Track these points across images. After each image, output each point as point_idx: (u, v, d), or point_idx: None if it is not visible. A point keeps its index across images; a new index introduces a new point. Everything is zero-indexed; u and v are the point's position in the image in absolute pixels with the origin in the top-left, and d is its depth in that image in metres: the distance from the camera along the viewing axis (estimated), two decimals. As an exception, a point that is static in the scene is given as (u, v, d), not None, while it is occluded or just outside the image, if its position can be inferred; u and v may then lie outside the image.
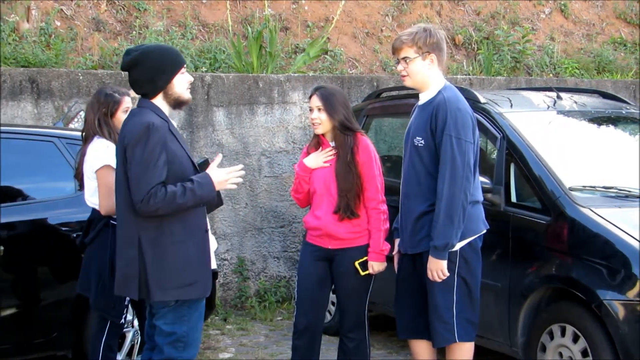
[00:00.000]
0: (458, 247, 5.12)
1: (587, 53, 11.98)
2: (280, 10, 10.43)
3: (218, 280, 8.25)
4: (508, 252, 5.86)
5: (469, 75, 10.49)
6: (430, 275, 5.09)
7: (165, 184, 4.33)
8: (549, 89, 7.19)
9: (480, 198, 5.28)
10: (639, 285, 5.05)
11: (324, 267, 5.56)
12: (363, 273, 5.45)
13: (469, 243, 5.17)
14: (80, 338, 6.22)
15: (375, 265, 5.45)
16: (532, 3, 12.38)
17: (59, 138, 6.38)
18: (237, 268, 8.62)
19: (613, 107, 6.95)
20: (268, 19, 9.60)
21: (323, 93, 5.47)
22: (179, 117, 8.35)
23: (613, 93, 7.71)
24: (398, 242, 5.40)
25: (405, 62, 5.19)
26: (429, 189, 5.08)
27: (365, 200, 5.43)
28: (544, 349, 5.57)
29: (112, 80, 8.10)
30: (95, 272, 5.41)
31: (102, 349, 5.48)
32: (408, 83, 5.27)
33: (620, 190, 5.75)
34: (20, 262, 6.09)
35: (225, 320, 8.17)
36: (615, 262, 5.16)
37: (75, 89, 8.05)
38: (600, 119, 6.80)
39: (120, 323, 5.56)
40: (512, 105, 6.61)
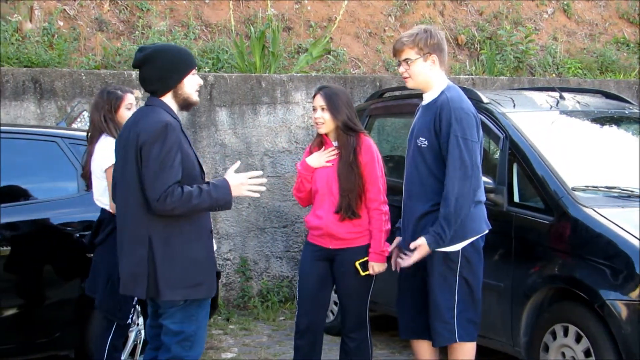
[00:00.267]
0: (460, 247, 5.13)
1: (589, 53, 11.98)
2: (283, 10, 10.43)
3: (221, 280, 8.25)
4: (511, 252, 5.86)
5: (472, 75, 10.49)
6: (411, 254, 5.09)
7: (181, 184, 4.33)
8: (552, 89, 7.19)
9: (483, 198, 5.28)
10: (642, 285, 5.06)
11: (325, 267, 5.56)
12: (363, 273, 5.44)
13: (471, 243, 5.16)
14: (83, 338, 6.23)
15: (376, 266, 5.44)
16: (534, 3, 12.37)
17: (62, 138, 6.39)
18: (239, 268, 8.62)
19: (616, 107, 6.95)
20: (271, 19, 9.61)
21: (327, 93, 5.46)
22: (182, 116, 8.35)
23: (616, 93, 7.71)
24: (397, 240, 5.39)
25: (407, 63, 5.18)
26: (432, 189, 5.08)
27: (367, 201, 5.43)
28: (547, 349, 5.57)
29: (115, 80, 8.11)
30: (105, 273, 5.41)
31: (107, 349, 5.49)
32: (410, 85, 5.27)
33: (623, 190, 5.75)
34: (24, 262, 6.09)
35: (228, 320, 8.17)
36: (618, 262, 5.16)
37: (78, 89, 8.05)
38: (603, 119, 6.80)
39: (127, 324, 5.57)
40: (514, 105, 6.61)
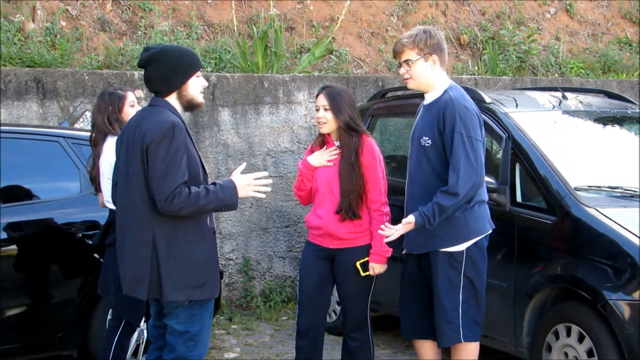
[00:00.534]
0: (464, 247, 5.13)
1: (592, 53, 11.97)
2: (286, 10, 10.43)
3: (223, 280, 8.25)
4: (513, 252, 5.85)
5: (474, 75, 10.49)
6: (393, 228, 5.09)
7: (188, 184, 4.32)
8: (555, 89, 7.18)
9: (486, 198, 5.28)
10: (645, 285, 5.06)
11: (326, 266, 5.56)
12: (363, 274, 5.44)
13: (475, 243, 5.16)
14: (86, 338, 6.24)
15: (376, 267, 5.44)
16: (537, 3, 12.37)
17: (65, 138, 6.40)
18: (242, 268, 8.62)
19: (618, 107, 6.94)
20: (273, 19, 9.61)
21: (330, 92, 5.46)
22: (184, 117, 8.34)
23: (618, 93, 7.71)
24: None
25: (408, 64, 5.18)
26: (435, 189, 5.07)
27: (368, 202, 5.42)
28: (550, 349, 5.57)
29: (117, 80, 8.11)
30: (116, 274, 5.42)
31: (114, 348, 5.51)
32: (412, 85, 5.27)
33: (626, 190, 5.74)
34: (26, 262, 6.10)
35: (231, 320, 8.17)
36: (621, 262, 5.16)
37: (81, 89, 8.06)
38: (606, 119, 6.79)
39: (138, 323, 5.60)
40: (517, 105, 6.60)
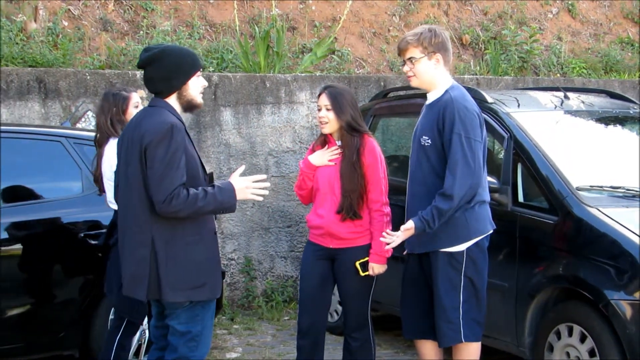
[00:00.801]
0: (465, 247, 5.12)
1: (594, 53, 11.96)
2: (288, 10, 10.43)
3: (225, 280, 8.25)
4: (515, 252, 5.85)
5: (476, 75, 10.49)
6: (394, 234, 5.11)
7: (186, 186, 4.32)
8: (556, 89, 7.18)
9: (487, 198, 5.27)
10: (647, 285, 5.05)
11: (326, 266, 5.56)
12: (363, 274, 5.44)
13: (476, 243, 5.16)
14: (87, 337, 6.24)
15: (376, 267, 5.44)
16: (539, 3, 12.36)
17: (67, 138, 6.39)
18: (244, 268, 8.62)
19: (620, 106, 6.94)
20: (275, 19, 9.61)
21: (332, 92, 5.46)
22: (186, 116, 8.34)
23: (620, 93, 7.70)
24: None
25: (412, 62, 5.19)
26: (435, 188, 5.07)
27: (369, 202, 5.42)
28: (552, 349, 5.56)
29: (119, 80, 8.11)
30: (118, 274, 5.43)
31: (115, 347, 5.51)
32: (414, 83, 5.27)
33: (628, 190, 5.74)
34: (28, 261, 6.10)
35: (233, 320, 8.17)
36: (623, 262, 5.16)
37: (83, 89, 8.06)
38: (608, 119, 6.79)
39: (140, 323, 5.60)
40: (519, 105, 6.61)
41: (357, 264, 5.42)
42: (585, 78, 11.07)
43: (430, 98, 5.26)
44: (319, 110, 5.48)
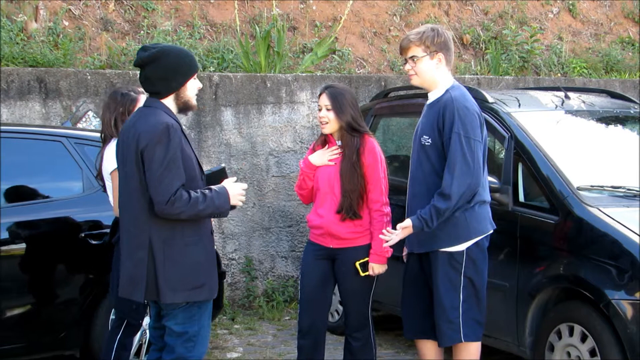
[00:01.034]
0: (465, 247, 5.12)
1: (595, 53, 11.96)
2: (288, 10, 10.43)
3: (226, 280, 8.26)
4: (516, 251, 5.85)
5: (477, 75, 10.48)
6: (391, 232, 5.12)
7: (185, 186, 4.33)
8: (557, 89, 7.18)
9: (488, 198, 5.27)
10: (647, 285, 5.05)
11: (327, 266, 5.56)
12: (363, 274, 5.44)
13: (476, 243, 5.16)
14: (88, 337, 6.24)
15: (376, 267, 5.44)
16: (540, 3, 12.35)
17: (67, 138, 6.39)
18: (244, 268, 8.62)
19: (621, 106, 6.94)
20: (276, 19, 9.60)
21: (332, 92, 5.45)
22: (187, 116, 8.36)
23: (621, 93, 7.70)
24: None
25: (413, 61, 5.19)
26: (436, 188, 5.07)
27: (369, 202, 5.42)
28: (552, 349, 5.56)
29: (120, 80, 8.12)
30: (117, 273, 5.43)
31: (115, 347, 5.50)
32: (415, 82, 5.27)
33: (629, 190, 5.74)
34: (29, 261, 6.10)
35: (233, 320, 8.17)
36: (623, 261, 5.16)
37: (83, 89, 8.06)
38: (608, 119, 6.79)
39: (138, 323, 5.59)
40: (520, 105, 6.60)
41: (357, 264, 5.42)
42: (586, 78, 11.06)
43: (431, 97, 5.26)
44: (320, 110, 5.48)
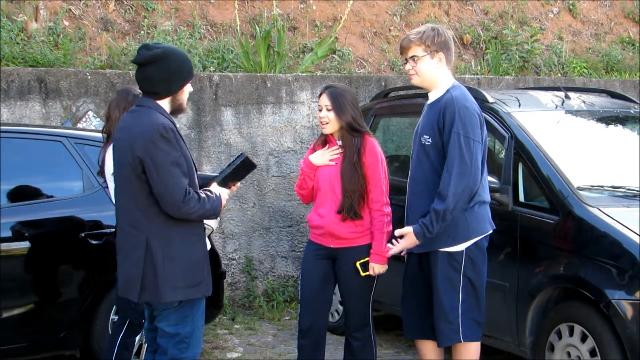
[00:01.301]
0: (464, 247, 5.12)
1: (595, 52, 11.96)
2: (288, 10, 10.43)
3: (226, 280, 8.26)
4: (516, 251, 5.85)
5: (477, 75, 10.49)
6: (397, 243, 5.16)
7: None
8: (557, 89, 7.18)
9: (487, 198, 5.27)
10: (647, 285, 5.05)
11: (327, 265, 5.56)
12: (363, 274, 5.44)
13: (475, 243, 5.16)
14: (88, 338, 6.24)
15: (377, 267, 5.44)
16: (540, 3, 12.36)
17: (67, 138, 6.39)
18: (245, 268, 8.62)
19: (621, 106, 6.94)
20: (276, 19, 9.61)
21: (332, 92, 5.45)
22: (187, 116, 8.36)
23: (621, 92, 7.71)
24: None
25: (414, 60, 5.18)
26: (436, 188, 5.06)
27: (370, 202, 5.42)
28: (552, 349, 5.56)
29: (120, 80, 8.12)
30: None
31: (117, 347, 5.50)
32: (416, 81, 5.26)
33: (629, 190, 5.74)
34: (29, 261, 6.09)
35: (233, 320, 8.17)
36: (624, 261, 5.15)
37: (84, 89, 8.06)
38: (609, 119, 6.79)
39: (140, 323, 5.58)
40: (520, 105, 6.60)
41: (357, 264, 5.42)
42: (586, 78, 11.06)
43: (432, 97, 5.26)
44: (320, 111, 5.48)
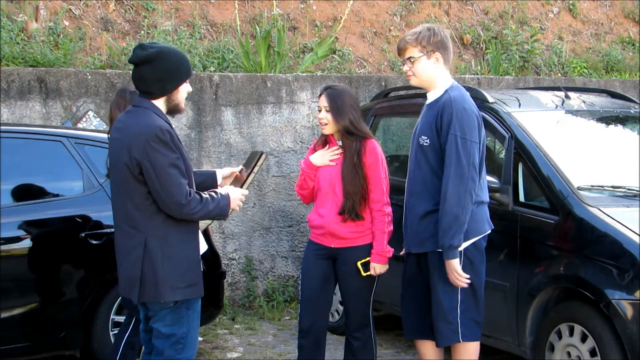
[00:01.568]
0: (462, 247, 5.12)
1: (595, 52, 11.96)
2: (289, 10, 10.43)
3: (226, 280, 8.26)
4: (516, 251, 5.85)
5: (477, 75, 10.48)
6: (451, 279, 5.08)
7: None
8: (557, 89, 7.18)
9: (486, 199, 5.27)
10: (648, 285, 5.05)
11: (328, 265, 5.56)
12: (364, 274, 5.44)
13: (474, 243, 5.16)
14: (88, 337, 6.24)
15: (377, 267, 5.44)
16: (540, 2, 12.36)
17: (67, 138, 6.39)
18: (245, 267, 8.62)
19: (621, 106, 6.94)
20: (276, 19, 9.61)
21: (331, 93, 5.44)
22: (187, 116, 8.36)
23: (621, 92, 7.70)
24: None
25: (411, 61, 5.19)
26: (434, 188, 5.08)
27: (370, 202, 5.42)
28: (552, 349, 5.57)
29: (120, 80, 8.12)
30: None
31: (123, 346, 5.50)
32: (414, 82, 5.27)
33: (629, 190, 5.74)
34: (29, 261, 6.09)
35: (234, 320, 8.17)
36: (624, 261, 5.15)
37: (84, 89, 8.06)
38: (609, 119, 6.79)
39: None
40: (520, 105, 6.60)
41: (358, 264, 5.42)
42: (586, 78, 11.06)
43: (430, 98, 5.26)
44: (319, 111, 5.48)
